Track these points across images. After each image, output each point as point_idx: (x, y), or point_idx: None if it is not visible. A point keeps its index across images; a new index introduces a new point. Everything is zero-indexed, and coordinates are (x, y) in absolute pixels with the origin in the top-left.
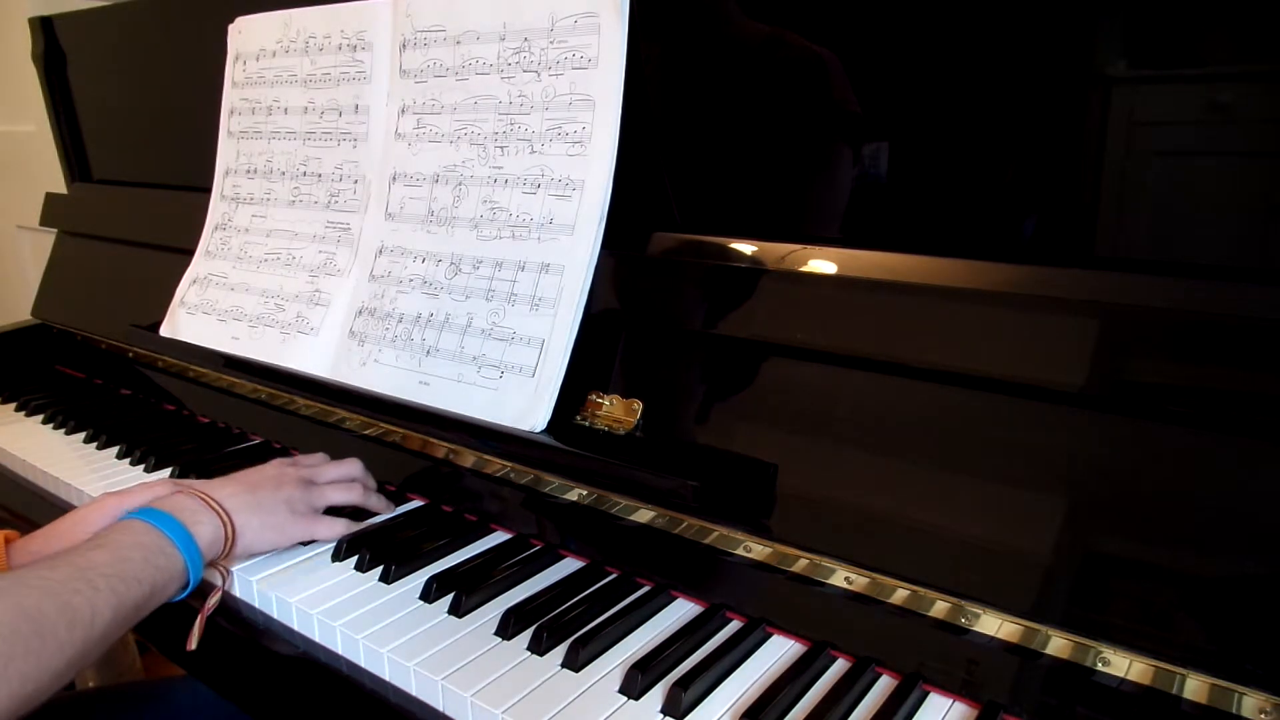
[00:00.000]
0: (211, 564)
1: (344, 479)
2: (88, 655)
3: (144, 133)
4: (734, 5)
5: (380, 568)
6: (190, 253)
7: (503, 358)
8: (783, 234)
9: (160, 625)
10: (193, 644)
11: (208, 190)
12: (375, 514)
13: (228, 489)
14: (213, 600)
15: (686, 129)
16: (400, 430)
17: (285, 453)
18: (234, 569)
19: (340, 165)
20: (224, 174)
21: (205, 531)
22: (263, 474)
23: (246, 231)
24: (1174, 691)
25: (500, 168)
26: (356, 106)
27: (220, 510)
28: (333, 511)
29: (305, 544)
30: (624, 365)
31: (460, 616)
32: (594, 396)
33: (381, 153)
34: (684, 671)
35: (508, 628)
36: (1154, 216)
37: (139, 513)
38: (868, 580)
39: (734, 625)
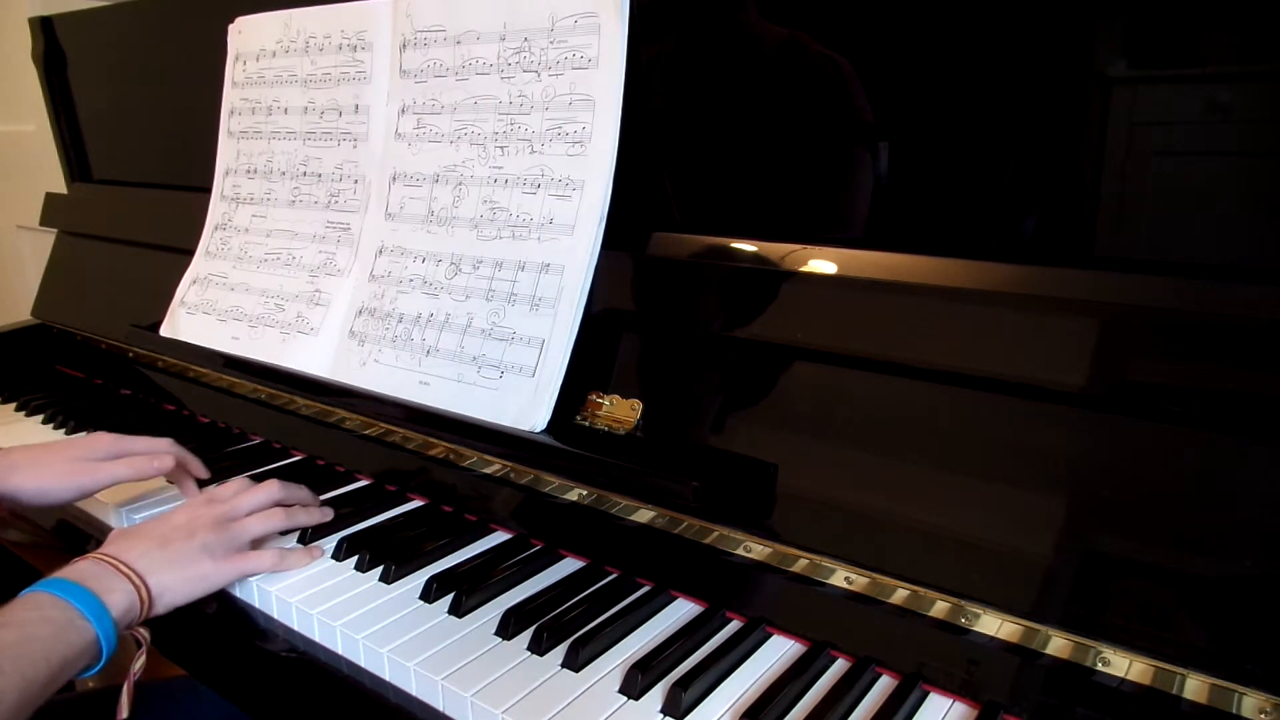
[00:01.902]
0: (130, 629)
1: (262, 506)
2: None
3: (144, 133)
4: (733, 5)
5: (380, 568)
6: (190, 253)
7: (503, 358)
8: (783, 234)
9: (161, 626)
10: (123, 713)
11: (208, 190)
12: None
13: (137, 549)
14: (138, 664)
15: (687, 129)
16: (400, 430)
17: (285, 453)
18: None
19: (340, 165)
20: (224, 174)
21: (119, 600)
22: (171, 524)
23: (246, 231)
24: (1174, 691)
25: (500, 168)
26: (356, 106)
27: (132, 573)
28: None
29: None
30: (624, 365)
31: (460, 616)
32: (594, 396)
33: (381, 153)
34: (684, 671)
35: (508, 628)
36: (1154, 216)
37: (46, 584)
38: (868, 580)
39: (734, 625)
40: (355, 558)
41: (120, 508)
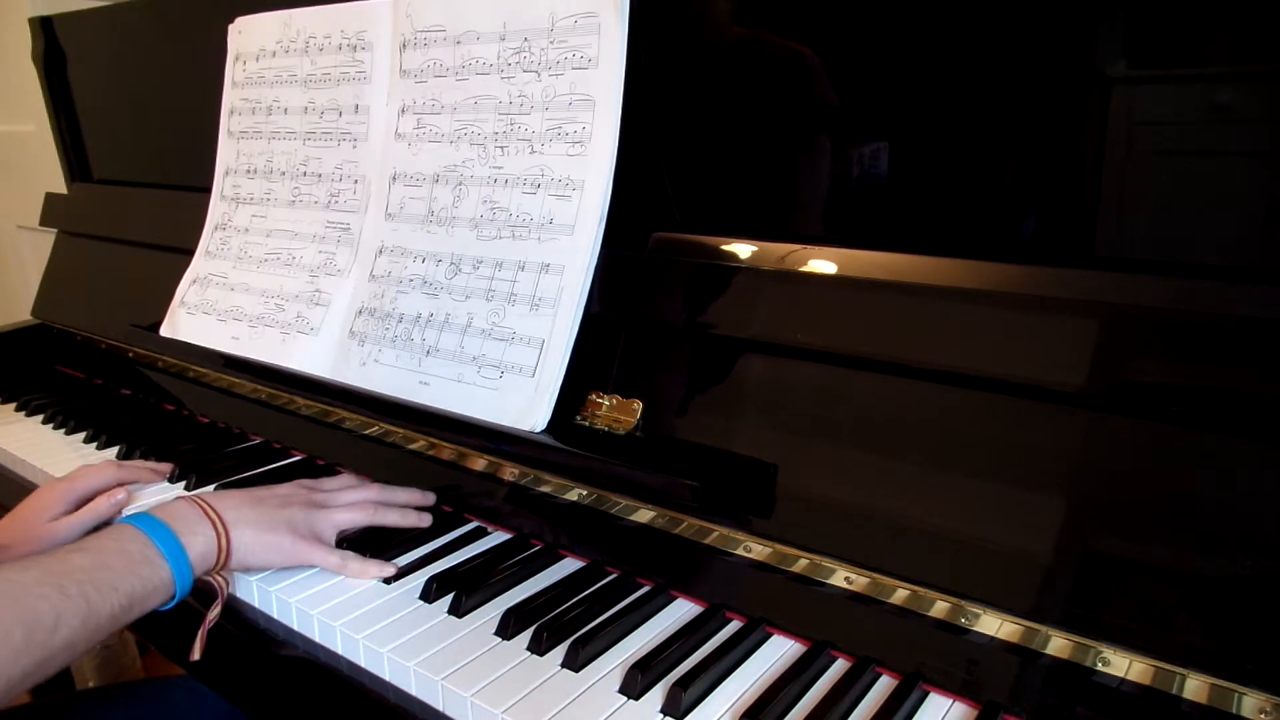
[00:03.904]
0: (208, 575)
1: (357, 503)
2: (49, 663)
3: (144, 133)
4: (731, 6)
5: None
6: (190, 253)
7: (503, 358)
8: (783, 234)
9: (160, 626)
10: (196, 654)
11: (208, 190)
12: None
13: (232, 500)
14: (214, 611)
15: (686, 129)
16: (400, 430)
17: (285, 453)
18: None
19: (340, 165)
20: (224, 174)
21: (198, 543)
22: (273, 491)
23: (246, 231)
24: (1174, 691)
25: (500, 168)
26: (356, 106)
27: (219, 521)
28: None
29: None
30: (624, 365)
31: (460, 616)
32: (594, 396)
33: (381, 153)
34: (684, 671)
35: (508, 628)
36: (1154, 216)
37: (133, 518)
38: (868, 580)
39: (734, 625)
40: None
41: None
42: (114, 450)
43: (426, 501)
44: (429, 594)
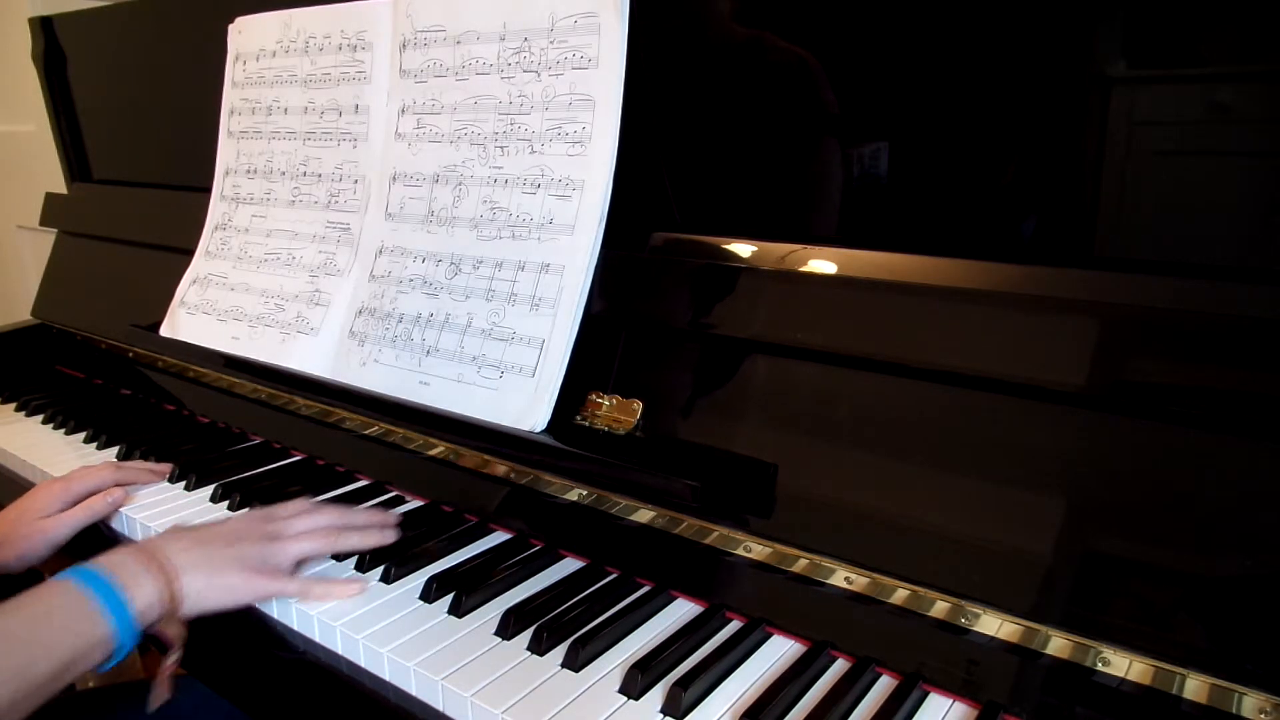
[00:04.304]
0: (159, 625)
1: (314, 530)
2: None
3: (144, 133)
4: (731, 6)
5: (380, 568)
6: (190, 253)
7: (503, 358)
8: (783, 234)
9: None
10: (154, 705)
11: (208, 190)
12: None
13: (180, 544)
14: (171, 659)
15: (686, 129)
16: (400, 430)
17: (285, 453)
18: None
19: (340, 165)
20: (224, 174)
21: (143, 594)
22: (219, 529)
23: (246, 231)
24: (1174, 691)
25: (500, 168)
26: (356, 106)
27: (166, 568)
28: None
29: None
30: (624, 365)
31: (460, 616)
32: (594, 396)
33: (381, 153)
34: (684, 671)
35: (508, 628)
36: (1154, 216)
37: (74, 571)
38: (868, 580)
39: (734, 625)
40: (355, 558)
41: None
42: (114, 450)
43: (390, 520)
44: (429, 594)
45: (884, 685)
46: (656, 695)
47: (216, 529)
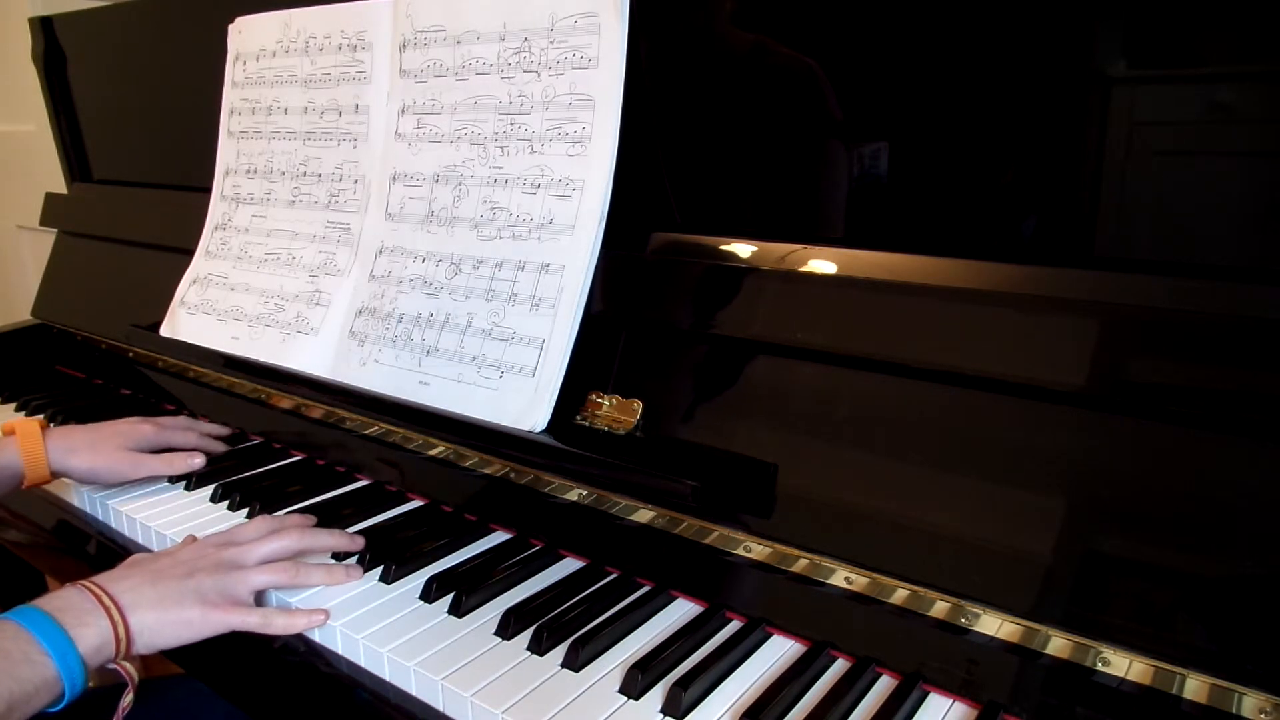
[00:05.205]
0: (112, 664)
1: (277, 556)
2: None
3: (144, 133)
4: (731, 6)
5: (380, 568)
6: (190, 253)
7: (503, 358)
8: (783, 234)
9: None
10: None
11: (208, 190)
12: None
13: (128, 581)
14: (126, 699)
15: (687, 129)
16: (400, 430)
17: (285, 453)
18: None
19: (340, 165)
20: (224, 174)
21: (89, 635)
22: (173, 559)
23: (246, 231)
24: (1174, 691)
25: (500, 168)
26: (356, 106)
27: (113, 607)
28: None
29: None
30: (624, 365)
31: (460, 616)
32: (594, 396)
33: (381, 153)
34: (684, 671)
35: (508, 628)
36: (1154, 216)
37: (17, 613)
38: (868, 580)
39: (734, 625)
40: (355, 558)
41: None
42: None
43: (355, 546)
44: (429, 594)
45: (884, 685)
46: (656, 695)
47: (174, 559)
